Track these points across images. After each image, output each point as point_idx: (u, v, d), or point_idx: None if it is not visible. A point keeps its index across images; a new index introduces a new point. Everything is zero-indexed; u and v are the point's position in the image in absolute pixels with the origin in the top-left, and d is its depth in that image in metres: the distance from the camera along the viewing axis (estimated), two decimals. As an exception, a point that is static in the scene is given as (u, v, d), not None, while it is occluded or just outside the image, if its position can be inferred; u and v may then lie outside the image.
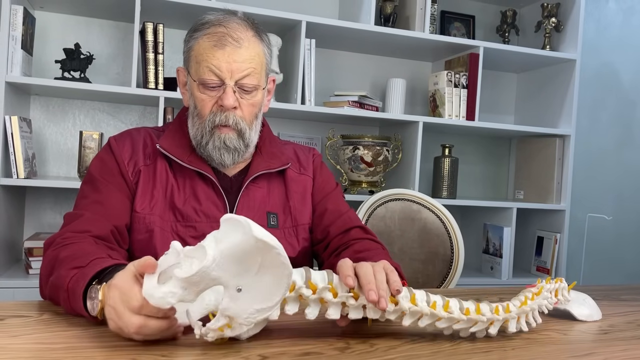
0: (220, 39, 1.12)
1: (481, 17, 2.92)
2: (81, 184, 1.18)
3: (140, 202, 1.14)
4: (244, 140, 1.16)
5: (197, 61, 1.14)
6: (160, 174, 1.17)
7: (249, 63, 1.13)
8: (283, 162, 1.24)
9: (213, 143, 1.15)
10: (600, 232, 3.06)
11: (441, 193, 2.55)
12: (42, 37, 2.26)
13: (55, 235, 1.06)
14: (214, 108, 1.14)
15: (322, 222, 1.25)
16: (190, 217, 1.15)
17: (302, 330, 0.89)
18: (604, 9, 3.12)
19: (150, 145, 1.20)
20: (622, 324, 1.07)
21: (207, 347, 0.78)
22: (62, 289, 0.88)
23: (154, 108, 2.39)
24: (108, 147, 1.20)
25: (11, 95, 2.00)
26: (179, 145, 1.19)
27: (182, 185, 1.17)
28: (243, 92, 1.14)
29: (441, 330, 0.89)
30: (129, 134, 1.23)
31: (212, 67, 1.11)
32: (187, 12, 2.21)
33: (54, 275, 0.93)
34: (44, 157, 2.30)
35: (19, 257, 2.22)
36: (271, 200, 1.22)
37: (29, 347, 0.74)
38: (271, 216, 1.20)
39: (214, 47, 1.11)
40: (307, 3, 2.60)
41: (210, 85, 1.13)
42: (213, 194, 1.17)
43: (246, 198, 1.19)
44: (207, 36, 1.13)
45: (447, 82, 2.49)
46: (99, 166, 1.17)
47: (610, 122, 3.13)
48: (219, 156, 1.16)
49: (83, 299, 0.84)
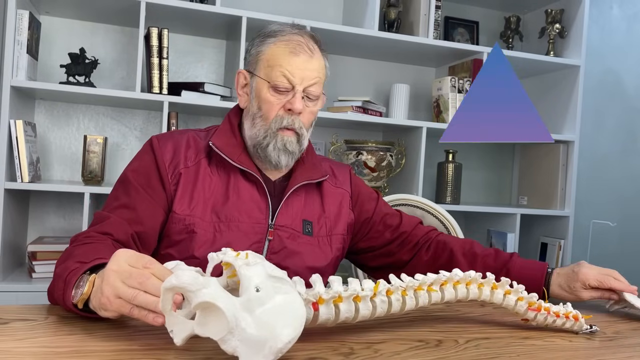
0: (296, 47, 1.18)
1: (485, 22, 2.93)
2: (116, 182, 1.20)
3: (179, 204, 1.16)
4: (300, 145, 1.21)
5: (269, 65, 1.18)
6: (203, 175, 1.19)
7: (317, 73, 1.20)
8: (322, 174, 1.29)
9: (275, 144, 1.18)
10: (604, 239, 3.05)
11: (445, 199, 2.55)
12: (47, 41, 2.27)
13: (81, 233, 1.08)
14: (280, 111, 1.18)
15: (388, 224, 1.34)
16: (232, 217, 1.17)
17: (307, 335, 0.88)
18: (608, 15, 3.12)
19: (193, 146, 1.22)
20: (628, 330, 1.07)
21: (210, 352, 0.77)
22: (61, 279, 0.90)
23: (158, 113, 2.39)
24: (149, 146, 1.20)
25: (16, 99, 2.01)
26: (230, 144, 1.22)
27: (226, 184, 1.19)
28: (308, 100, 1.20)
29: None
30: (171, 135, 1.24)
31: (286, 72, 1.16)
32: (191, 17, 2.22)
33: (57, 270, 0.95)
34: (48, 161, 2.30)
35: (23, 260, 2.22)
36: (307, 209, 1.25)
37: (34, 351, 0.74)
38: (307, 224, 1.24)
39: (290, 53, 1.17)
40: (311, 8, 2.61)
41: (281, 89, 1.17)
42: (257, 196, 1.20)
43: (287, 204, 1.22)
44: (283, 43, 1.18)
45: (451, 87, 2.49)
46: (136, 168, 1.19)
47: (614, 128, 3.13)
48: (277, 157, 1.19)
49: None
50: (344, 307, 0.84)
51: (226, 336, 0.69)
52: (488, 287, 0.99)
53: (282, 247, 1.19)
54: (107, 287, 0.79)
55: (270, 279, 0.75)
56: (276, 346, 0.70)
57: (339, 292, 0.83)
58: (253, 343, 0.69)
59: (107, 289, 0.79)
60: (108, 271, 0.80)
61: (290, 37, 1.19)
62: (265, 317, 0.71)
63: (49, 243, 2.09)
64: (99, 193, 2.07)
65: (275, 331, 0.70)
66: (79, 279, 0.87)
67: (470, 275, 0.97)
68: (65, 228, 2.32)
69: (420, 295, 0.92)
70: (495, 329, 1.01)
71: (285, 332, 0.71)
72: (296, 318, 0.73)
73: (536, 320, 1.00)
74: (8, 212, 1.98)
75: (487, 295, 0.98)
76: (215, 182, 1.19)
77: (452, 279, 0.96)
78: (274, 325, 0.71)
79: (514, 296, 0.99)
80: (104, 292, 0.79)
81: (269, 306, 0.72)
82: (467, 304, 1.18)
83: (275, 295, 0.73)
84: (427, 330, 0.96)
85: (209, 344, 0.80)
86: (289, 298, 0.75)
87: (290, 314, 0.73)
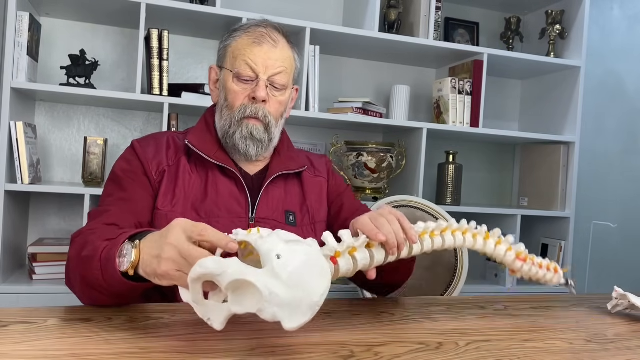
0: (259, 37, 1.22)
1: (485, 24, 2.93)
2: (105, 184, 1.22)
3: (162, 200, 1.19)
4: (269, 133, 1.24)
5: (234, 56, 1.22)
6: (183, 172, 1.21)
7: (282, 62, 1.22)
8: (300, 165, 1.32)
9: (241, 133, 1.22)
10: (605, 240, 3.05)
11: (445, 200, 2.55)
12: (47, 43, 2.27)
13: (83, 228, 1.08)
14: (245, 100, 1.22)
15: (340, 216, 1.33)
16: (212, 213, 1.19)
17: (307, 338, 0.88)
18: (609, 16, 3.12)
19: (173, 146, 1.25)
20: (628, 332, 1.07)
21: (211, 353, 0.77)
22: (95, 259, 0.91)
23: (159, 114, 2.39)
24: (131, 149, 1.24)
25: (16, 101, 2.01)
26: (206, 141, 1.25)
27: (205, 181, 1.22)
28: (273, 89, 1.23)
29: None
30: (152, 136, 1.28)
31: (249, 61, 1.20)
32: (191, 19, 2.22)
33: (84, 253, 0.95)
34: (49, 163, 2.31)
35: (23, 262, 2.22)
36: (288, 200, 1.27)
37: (33, 354, 0.74)
38: (289, 215, 1.26)
39: (252, 43, 1.21)
40: (311, 10, 2.61)
41: (244, 78, 1.21)
42: (236, 191, 1.23)
43: (266, 197, 1.24)
44: (247, 34, 1.23)
45: (452, 88, 2.49)
46: (123, 166, 1.21)
47: (615, 129, 3.12)
48: (245, 146, 1.22)
49: None
50: (359, 255, 0.90)
51: (263, 305, 0.72)
52: (481, 237, 1.06)
53: None
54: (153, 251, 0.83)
55: (288, 244, 0.78)
56: (313, 301, 0.74)
57: (351, 243, 0.89)
58: (290, 305, 0.73)
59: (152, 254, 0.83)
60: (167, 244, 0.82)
61: (254, 29, 1.23)
62: (294, 278, 0.74)
63: (50, 245, 2.09)
64: (99, 195, 2.05)
65: (307, 288, 0.74)
66: (120, 249, 0.88)
67: (465, 225, 1.06)
68: (65, 230, 2.32)
69: (425, 240, 1.00)
70: (496, 332, 1.00)
71: (317, 285, 0.76)
72: (322, 270, 0.78)
73: (522, 272, 1.08)
74: (8, 214, 1.98)
75: (481, 244, 1.06)
76: (195, 179, 1.22)
77: (451, 226, 1.04)
78: (305, 283, 0.74)
79: (504, 246, 1.07)
80: (162, 263, 0.81)
81: (294, 267, 0.75)
82: (467, 307, 1.18)
83: (296, 256, 0.76)
84: (427, 333, 0.96)
85: (210, 343, 0.80)
86: (310, 255, 0.78)
87: (316, 269, 0.77)
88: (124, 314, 0.96)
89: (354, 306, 1.12)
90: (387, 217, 0.97)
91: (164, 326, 0.90)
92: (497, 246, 1.07)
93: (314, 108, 2.31)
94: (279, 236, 0.79)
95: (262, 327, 0.91)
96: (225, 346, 0.81)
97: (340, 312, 1.06)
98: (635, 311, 1.18)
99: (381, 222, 0.96)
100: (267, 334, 0.88)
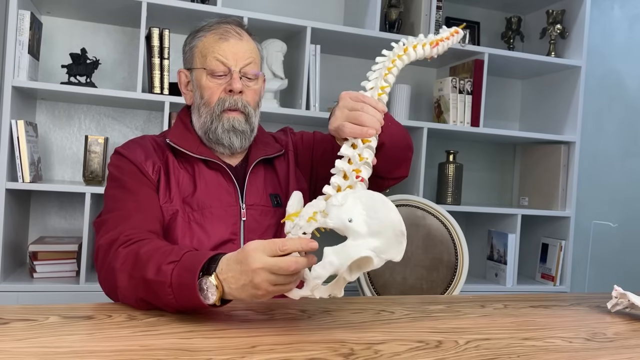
0: (224, 33, 1.25)
1: (486, 23, 2.93)
2: (108, 192, 1.20)
3: (162, 196, 1.21)
4: (250, 124, 1.26)
5: (203, 54, 1.25)
6: (172, 169, 1.23)
7: (250, 53, 1.26)
8: (277, 150, 1.34)
9: (222, 126, 1.24)
10: (605, 239, 3.05)
11: (446, 199, 2.55)
12: (48, 42, 2.27)
13: (114, 236, 1.07)
14: (221, 94, 1.24)
15: (323, 146, 1.35)
16: (204, 204, 1.21)
17: (307, 336, 0.89)
18: (610, 16, 3.11)
19: (157, 146, 1.26)
20: (628, 331, 1.07)
21: (209, 351, 0.78)
22: (165, 285, 0.92)
23: (159, 113, 2.39)
24: (119, 155, 1.23)
25: (17, 99, 2.01)
26: (187, 138, 1.27)
27: (193, 175, 1.24)
28: (247, 80, 1.25)
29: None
30: (133, 141, 1.28)
31: (219, 56, 1.23)
32: (192, 18, 2.22)
33: (144, 275, 0.95)
34: (50, 162, 2.31)
35: (24, 260, 2.23)
36: (269, 184, 1.31)
37: (34, 351, 0.74)
38: (274, 197, 1.29)
39: (219, 39, 1.24)
40: (312, 9, 2.61)
41: (218, 74, 1.23)
42: (223, 181, 1.25)
43: (251, 184, 1.27)
44: (211, 32, 1.25)
45: (452, 88, 2.49)
46: (120, 172, 1.21)
47: (615, 129, 3.12)
48: (228, 139, 1.25)
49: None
50: (367, 154, 0.97)
51: (375, 261, 0.84)
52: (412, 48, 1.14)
53: (257, 224, 1.24)
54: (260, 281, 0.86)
55: (340, 208, 0.85)
56: (400, 230, 0.84)
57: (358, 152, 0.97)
58: (387, 245, 0.84)
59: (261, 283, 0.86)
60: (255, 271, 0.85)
61: (217, 26, 1.26)
62: (374, 225, 0.84)
63: (50, 243, 2.09)
64: (100, 193, 2.06)
65: (390, 224, 0.84)
66: (199, 282, 0.90)
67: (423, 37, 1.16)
68: (66, 228, 2.32)
69: (389, 76, 1.15)
70: (495, 330, 1.01)
71: (394, 217, 0.84)
72: (384, 203, 0.85)
73: (438, 52, 1.17)
74: (9, 212, 1.98)
75: (413, 55, 1.14)
76: (183, 174, 1.24)
77: (420, 40, 1.15)
78: (384, 221, 0.84)
79: (421, 47, 1.15)
80: (259, 287, 0.86)
81: (367, 217, 0.84)
82: (466, 306, 1.18)
83: (360, 207, 0.85)
84: (427, 331, 0.96)
85: (210, 341, 0.80)
86: (368, 199, 0.86)
87: (380, 206, 0.85)
88: (124, 311, 0.96)
89: (354, 304, 1.12)
90: (356, 107, 1.02)
91: (164, 323, 0.90)
92: (418, 50, 1.14)
93: (315, 107, 2.31)
94: (332, 205, 0.86)
95: (262, 325, 0.91)
96: (225, 343, 0.81)
97: (340, 310, 1.06)
98: (634, 310, 1.18)
99: (357, 116, 1.00)
100: (267, 331, 0.88)
